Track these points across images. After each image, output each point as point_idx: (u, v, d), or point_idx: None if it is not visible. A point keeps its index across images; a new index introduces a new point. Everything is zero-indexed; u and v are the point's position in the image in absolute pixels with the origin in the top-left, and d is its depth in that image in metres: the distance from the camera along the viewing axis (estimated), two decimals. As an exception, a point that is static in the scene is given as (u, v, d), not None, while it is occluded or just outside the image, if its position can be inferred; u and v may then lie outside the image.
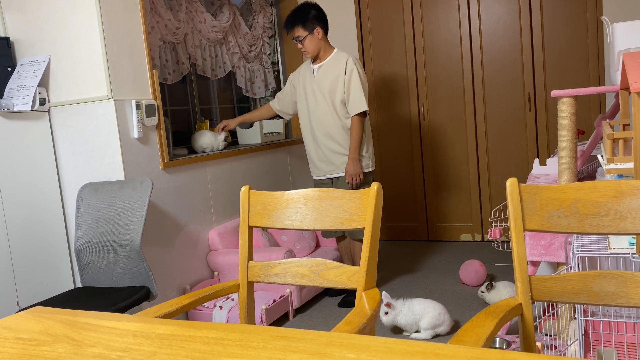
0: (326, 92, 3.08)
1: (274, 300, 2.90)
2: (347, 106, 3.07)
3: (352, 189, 3.05)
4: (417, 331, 2.64)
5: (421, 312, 2.60)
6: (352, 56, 3.07)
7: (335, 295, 3.30)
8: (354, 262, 3.27)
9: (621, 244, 1.51)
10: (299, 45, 3.11)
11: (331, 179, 3.19)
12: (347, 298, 3.15)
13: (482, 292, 2.94)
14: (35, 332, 0.91)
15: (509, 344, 2.30)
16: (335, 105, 3.07)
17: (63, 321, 0.95)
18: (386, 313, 2.62)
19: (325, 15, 3.14)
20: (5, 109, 2.54)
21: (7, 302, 2.43)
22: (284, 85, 4.31)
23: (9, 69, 2.70)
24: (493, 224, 3.97)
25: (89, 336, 0.86)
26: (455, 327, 2.69)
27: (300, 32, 3.07)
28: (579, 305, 1.57)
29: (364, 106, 3.01)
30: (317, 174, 3.24)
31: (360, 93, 3.02)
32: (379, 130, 4.47)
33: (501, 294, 2.87)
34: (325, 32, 3.13)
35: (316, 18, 3.07)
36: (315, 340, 0.76)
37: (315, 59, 3.17)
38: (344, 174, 3.12)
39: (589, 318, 1.65)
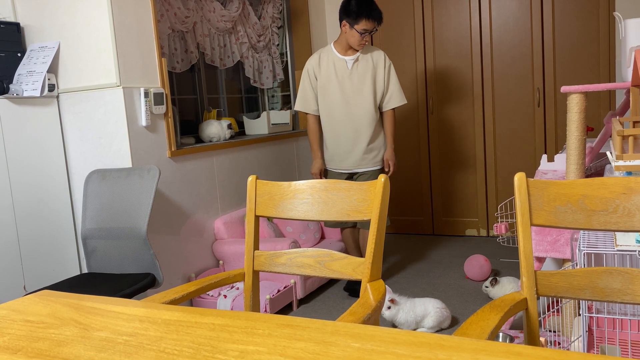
0: (367, 87, 3.09)
1: (278, 290, 2.91)
2: (383, 100, 3.14)
3: (388, 174, 3.12)
4: (414, 330, 2.65)
5: (422, 313, 2.61)
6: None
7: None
8: (362, 252, 3.26)
9: (628, 241, 1.50)
10: (366, 39, 3.05)
11: (352, 173, 3.18)
12: (354, 287, 3.15)
13: (486, 287, 2.94)
14: (43, 315, 0.92)
15: (512, 339, 2.30)
16: (374, 101, 3.10)
17: (70, 305, 0.96)
18: (389, 307, 2.63)
19: None
20: (15, 95, 2.55)
21: (14, 287, 2.45)
22: (292, 76, 4.30)
23: (19, 54, 2.70)
24: (499, 219, 3.96)
25: (96, 320, 0.87)
26: (455, 323, 2.70)
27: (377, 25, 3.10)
28: (583, 302, 1.56)
29: (403, 99, 3.17)
30: (337, 167, 3.19)
31: (400, 87, 3.18)
32: (387, 123, 4.46)
33: (505, 289, 2.87)
34: None
35: None
36: (321, 329, 0.77)
37: (346, 51, 3.12)
38: (366, 170, 3.14)
39: (593, 315, 1.65)
